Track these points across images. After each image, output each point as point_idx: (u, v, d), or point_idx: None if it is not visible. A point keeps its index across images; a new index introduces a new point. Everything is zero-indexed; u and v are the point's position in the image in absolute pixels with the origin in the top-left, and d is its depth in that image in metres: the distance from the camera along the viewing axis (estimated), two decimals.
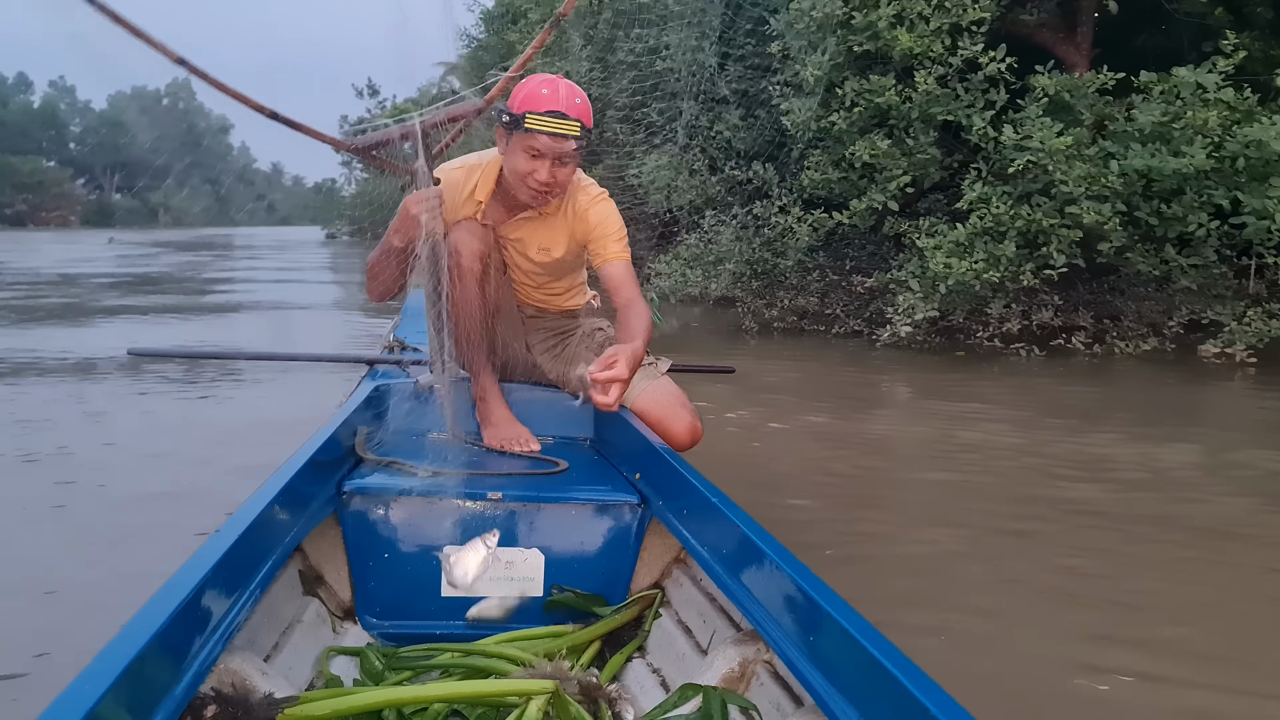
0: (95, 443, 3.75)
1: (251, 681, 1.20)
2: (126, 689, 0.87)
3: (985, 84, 6.25)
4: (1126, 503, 3.27)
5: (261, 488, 1.41)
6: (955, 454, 3.91)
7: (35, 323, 8.25)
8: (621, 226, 2.15)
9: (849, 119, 6.66)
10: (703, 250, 7.84)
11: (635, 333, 1.96)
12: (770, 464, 3.77)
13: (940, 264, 5.82)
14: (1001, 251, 5.84)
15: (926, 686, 0.93)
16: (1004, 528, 2.97)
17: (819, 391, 5.54)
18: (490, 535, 1.67)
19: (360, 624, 1.68)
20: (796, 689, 1.28)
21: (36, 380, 5.22)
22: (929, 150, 6.52)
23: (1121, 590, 2.45)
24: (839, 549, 2.69)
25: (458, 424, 2.15)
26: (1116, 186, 5.56)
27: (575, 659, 1.55)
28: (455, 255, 2.02)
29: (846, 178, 7.02)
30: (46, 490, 3.07)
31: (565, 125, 1.92)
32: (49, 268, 17.10)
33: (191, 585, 1.06)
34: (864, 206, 6.69)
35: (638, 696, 1.50)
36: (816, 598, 1.14)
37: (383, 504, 1.74)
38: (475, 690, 1.30)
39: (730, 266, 7.63)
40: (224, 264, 20.44)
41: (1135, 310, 6.73)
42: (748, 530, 1.36)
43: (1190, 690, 1.89)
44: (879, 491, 3.49)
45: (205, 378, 5.26)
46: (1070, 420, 4.57)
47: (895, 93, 6.43)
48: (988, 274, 5.79)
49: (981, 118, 6.10)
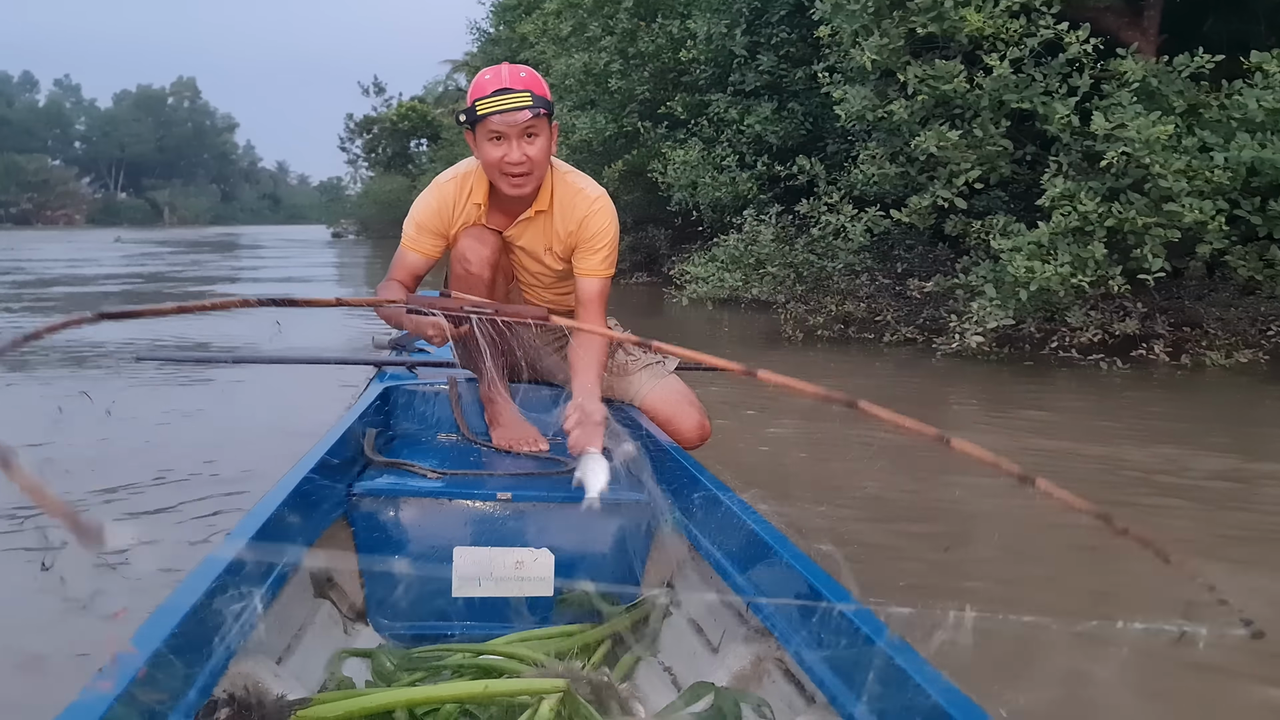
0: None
1: (264, 684, 1.20)
2: (140, 693, 0.87)
3: (1067, 68, 5.63)
4: (1224, 520, 2.83)
5: (272, 490, 1.42)
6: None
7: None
8: (614, 240, 2.09)
9: (910, 108, 6.04)
10: (742, 251, 7.24)
11: (589, 367, 1.95)
12: (836, 485, 3.28)
13: (1021, 267, 5.20)
14: (1089, 254, 5.22)
15: (939, 684, 0.92)
16: (1096, 563, 2.54)
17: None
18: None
19: (371, 625, 1.69)
20: (808, 686, 1.25)
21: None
22: (999, 142, 5.90)
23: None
24: (920, 587, 2.28)
25: (467, 425, 2.18)
26: (1222, 181, 4.94)
27: (586, 658, 1.56)
28: (464, 262, 2.03)
29: (905, 172, 6.39)
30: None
31: (513, 98, 1.90)
32: (66, 267, 17.07)
33: (204, 589, 1.07)
34: (926, 204, 6.07)
35: (649, 695, 1.49)
36: (827, 594, 1.14)
37: (393, 505, 1.75)
38: (487, 690, 1.28)
39: (773, 269, 7.04)
40: (231, 264, 20.29)
41: (1219, 318, 6.12)
42: (757, 528, 1.37)
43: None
44: (958, 518, 3.01)
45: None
46: (1163, 439, 4.07)
47: (964, 79, 5.82)
48: (1075, 279, 5.18)
49: (1064, 105, 5.47)
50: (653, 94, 10.59)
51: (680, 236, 12.31)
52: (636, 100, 10.79)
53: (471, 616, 1.71)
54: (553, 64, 11.87)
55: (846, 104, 6.30)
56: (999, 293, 5.47)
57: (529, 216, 2.09)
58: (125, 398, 4.57)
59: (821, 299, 7.23)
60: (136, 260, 20.94)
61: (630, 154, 10.99)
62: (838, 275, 7.19)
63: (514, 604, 1.72)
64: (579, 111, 11.37)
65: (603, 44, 10.81)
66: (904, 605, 2.03)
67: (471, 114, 1.93)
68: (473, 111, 1.93)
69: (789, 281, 7.19)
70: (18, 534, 2.62)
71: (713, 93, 9.90)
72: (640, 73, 10.65)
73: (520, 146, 1.93)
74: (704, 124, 9.83)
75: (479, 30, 22.11)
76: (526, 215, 2.08)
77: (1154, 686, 1.90)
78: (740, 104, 9.53)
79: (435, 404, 2.25)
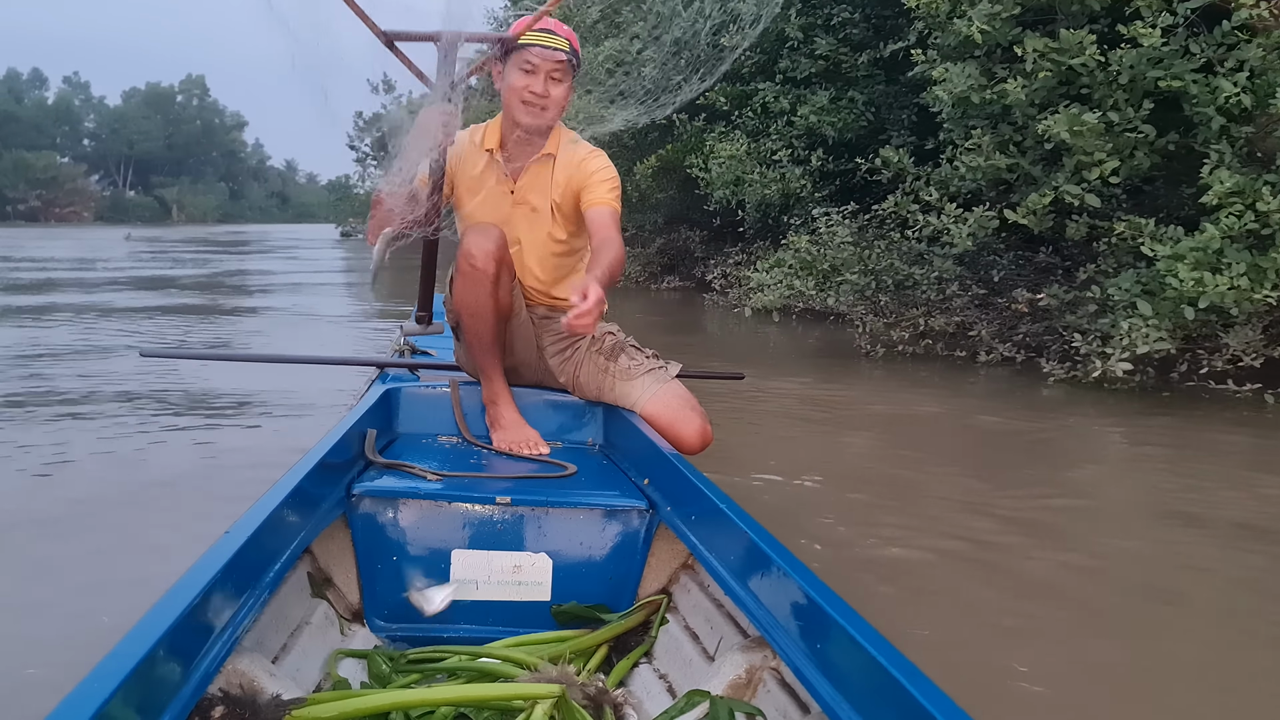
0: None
1: (259, 683, 1.20)
2: (135, 689, 0.87)
3: (1232, 37, 4.63)
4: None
5: (271, 489, 1.43)
6: (1217, 546, 2.78)
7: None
8: (616, 178, 2.20)
9: (1029, 87, 5.06)
10: (815, 256, 6.29)
11: (603, 264, 1.97)
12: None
13: (1187, 279, 4.21)
14: (1272, 262, 4.24)
15: (933, 695, 0.92)
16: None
17: (981, 442, 4.21)
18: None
19: (368, 626, 1.68)
20: (803, 696, 1.25)
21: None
22: (1141, 127, 4.91)
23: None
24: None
25: (467, 427, 2.21)
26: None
27: (582, 664, 1.56)
28: (469, 258, 2.07)
29: (1016, 165, 5.40)
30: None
31: (555, 39, 2.09)
32: (86, 266, 17.07)
33: (200, 586, 1.07)
34: (1047, 202, 5.07)
35: (644, 702, 1.49)
36: (824, 605, 1.14)
37: (392, 507, 1.75)
38: (481, 694, 1.30)
39: (853, 277, 6.08)
40: (241, 264, 20.19)
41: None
42: (756, 537, 1.37)
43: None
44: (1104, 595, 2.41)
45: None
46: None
47: (1097, 51, 4.84)
48: (1259, 293, 4.19)
49: (1231, 81, 4.48)
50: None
51: (716, 238, 11.41)
52: (670, 90, 9.87)
53: (468, 620, 1.71)
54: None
55: (948, 83, 5.33)
56: (1157, 308, 4.47)
57: (539, 158, 2.21)
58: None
59: (905, 311, 6.30)
60: (144, 261, 20.51)
61: (664, 148, 10.06)
62: (927, 284, 6.23)
63: (511, 608, 1.72)
64: (607, 103, 10.44)
65: (634, 30, 9.85)
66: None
67: (512, 42, 2.08)
68: (513, 42, 2.08)
69: (870, 290, 6.25)
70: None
71: (759, 81, 9.00)
72: (676, 61, 9.67)
73: (546, 83, 2.11)
74: (749, 115, 8.92)
75: (496, 20, 21.21)
76: (537, 157, 2.20)
77: None
78: (791, 93, 8.66)
79: (436, 406, 2.26)
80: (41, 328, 7.50)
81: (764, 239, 9.28)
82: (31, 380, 5.08)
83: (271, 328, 8.23)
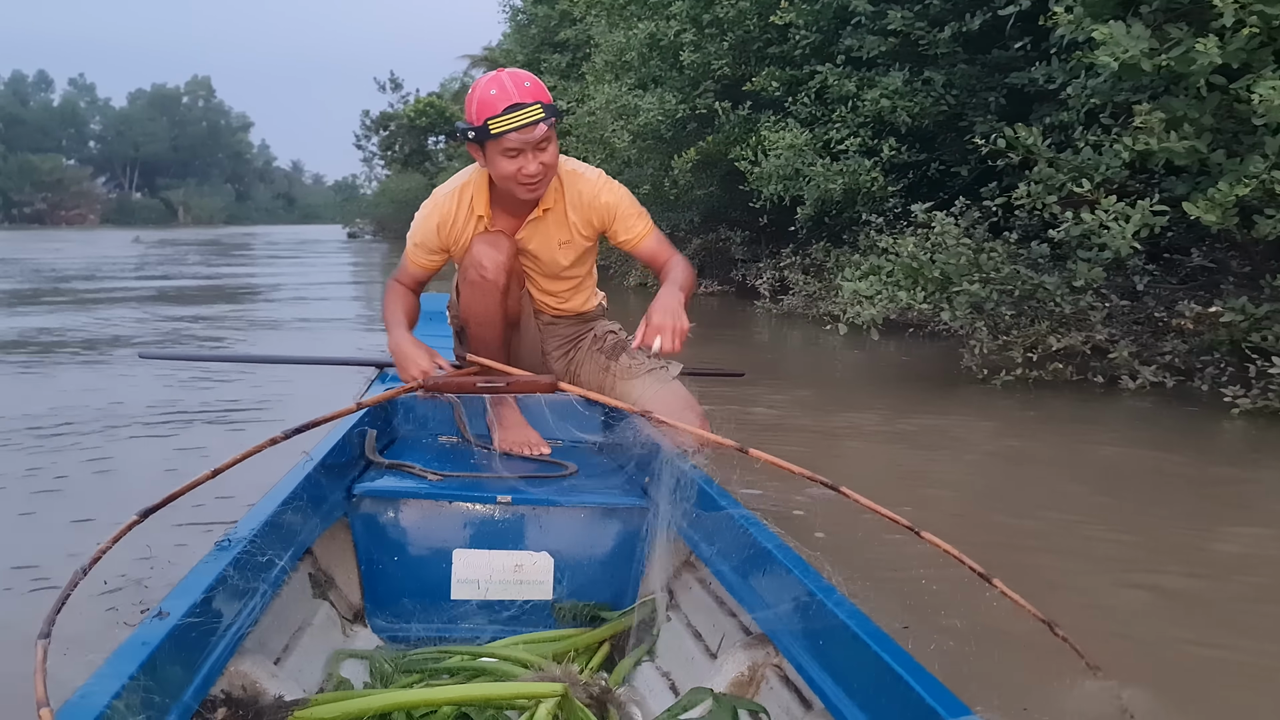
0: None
1: (262, 684, 1.19)
2: (138, 691, 0.88)
3: None
4: None
5: (272, 490, 1.44)
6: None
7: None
8: (635, 202, 2.18)
9: (1233, 47, 3.99)
10: (922, 262, 5.19)
11: (676, 280, 2.05)
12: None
13: None
14: None
15: (936, 690, 0.92)
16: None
17: (1141, 492, 3.20)
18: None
19: (370, 627, 1.69)
20: (806, 693, 1.24)
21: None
22: None
23: None
24: None
25: (468, 427, 2.20)
26: None
27: (584, 662, 1.56)
28: (478, 268, 2.06)
29: (1193, 147, 4.29)
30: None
31: (527, 113, 1.92)
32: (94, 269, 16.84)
33: (203, 587, 1.07)
34: (1246, 192, 4.04)
35: (646, 700, 1.49)
36: (826, 601, 1.14)
37: (393, 507, 1.76)
38: (484, 693, 1.30)
39: (973, 287, 5.04)
40: (250, 268, 19.98)
41: None
42: (756, 534, 1.37)
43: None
44: None
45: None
46: None
47: None
48: None
49: None
50: (733, 68, 8.97)
51: (760, 239, 10.39)
52: (713, 76, 9.18)
53: (470, 619, 1.70)
54: (605, 37, 10.37)
55: (1110, 45, 4.25)
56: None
57: (537, 217, 2.13)
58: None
59: (1031, 327, 5.08)
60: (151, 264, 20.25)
61: (705, 140, 9.24)
62: (1061, 296, 5.00)
63: (513, 607, 1.72)
64: (641, 91, 9.55)
65: (672, 10, 9.11)
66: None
67: (484, 132, 1.93)
68: (484, 129, 1.93)
69: (991, 303, 5.13)
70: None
71: (814, 63, 8.07)
72: (718, 44, 9.03)
73: (536, 158, 1.97)
74: (804, 101, 8.00)
75: (512, 9, 20.62)
76: (534, 216, 2.12)
77: None
78: (855, 75, 7.52)
79: (436, 406, 2.26)
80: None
81: (818, 239, 8.25)
82: (37, 379, 4.97)
83: (278, 329, 8.11)
